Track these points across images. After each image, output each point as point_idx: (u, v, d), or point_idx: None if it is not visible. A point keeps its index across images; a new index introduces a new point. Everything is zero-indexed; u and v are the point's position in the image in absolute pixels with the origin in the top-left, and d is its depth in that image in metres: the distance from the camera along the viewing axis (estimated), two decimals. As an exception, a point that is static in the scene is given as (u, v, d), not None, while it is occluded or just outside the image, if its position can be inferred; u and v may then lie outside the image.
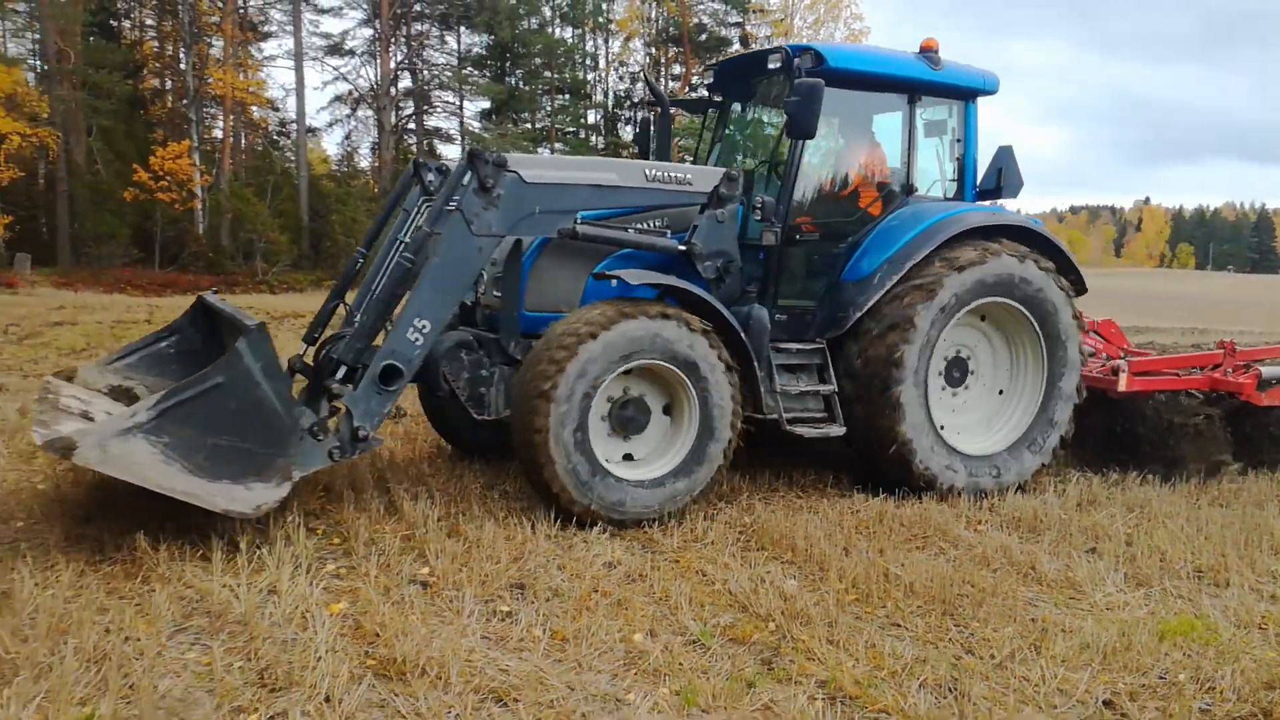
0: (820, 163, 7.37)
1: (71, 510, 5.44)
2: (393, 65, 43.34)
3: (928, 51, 6.91)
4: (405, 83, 45.24)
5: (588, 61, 49.74)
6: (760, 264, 6.67)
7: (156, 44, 43.99)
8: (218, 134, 41.75)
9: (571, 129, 48.62)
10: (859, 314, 6.45)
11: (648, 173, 6.29)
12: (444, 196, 5.59)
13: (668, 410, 5.97)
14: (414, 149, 46.22)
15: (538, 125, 46.61)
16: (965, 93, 7.21)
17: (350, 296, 6.32)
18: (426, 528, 5.31)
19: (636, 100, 49.23)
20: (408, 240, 5.98)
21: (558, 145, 44.90)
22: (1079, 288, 7.07)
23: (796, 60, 6.51)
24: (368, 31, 44.40)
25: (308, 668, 3.59)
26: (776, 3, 47.26)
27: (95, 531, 5.09)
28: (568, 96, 47.76)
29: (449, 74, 46.13)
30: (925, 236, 6.50)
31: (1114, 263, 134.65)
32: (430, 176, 6.36)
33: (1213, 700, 3.70)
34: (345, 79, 46.21)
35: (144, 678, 3.48)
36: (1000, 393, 7.06)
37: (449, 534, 5.30)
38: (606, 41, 51.01)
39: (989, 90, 7.22)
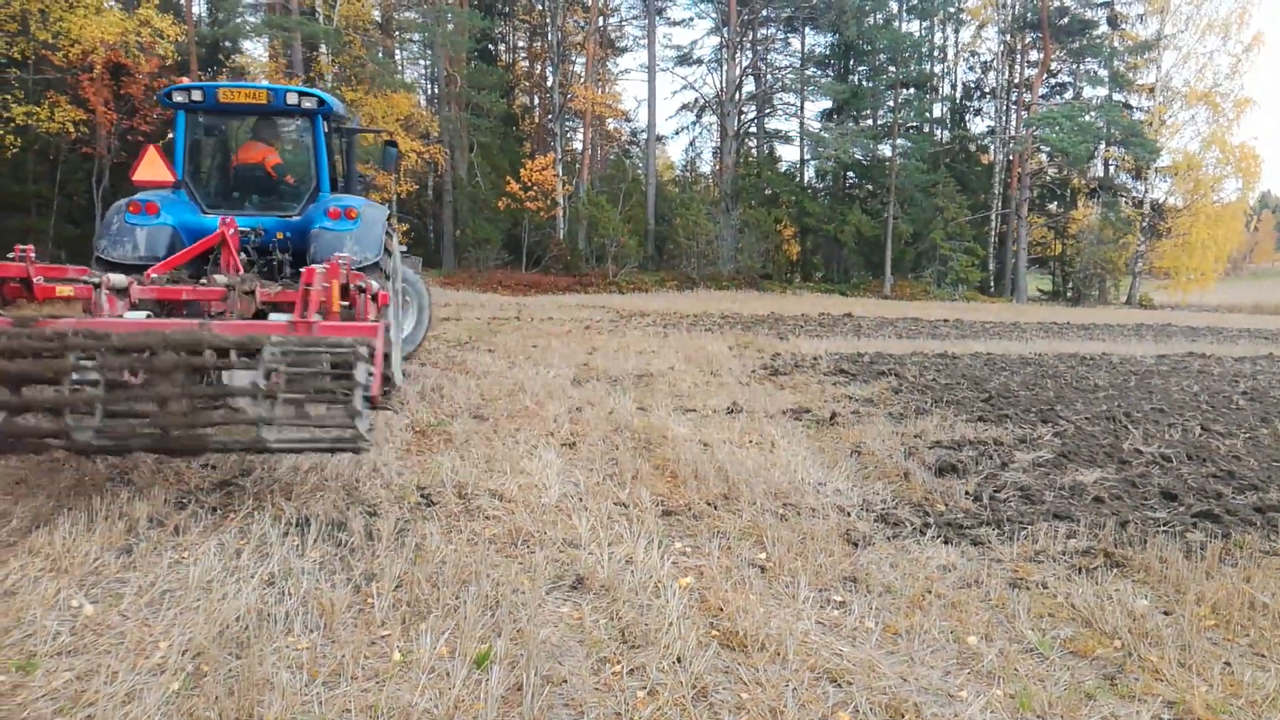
0: None
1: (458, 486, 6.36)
2: (738, 71, 44.67)
3: None
4: (749, 87, 46.47)
5: (935, 54, 48.15)
6: None
7: (527, 64, 48.65)
8: (577, 146, 45.27)
9: (914, 124, 47.30)
10: None
11: None
12: None
13: None
14: (754, 152, 47.35)
15: (879, 122, 45.84)
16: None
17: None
18: (763, 515, 5.63)
19: (987, 90, 47.03)
20: None
21: (899, 141, 43.90)
22: None
23: None
24: (715, 40, 46.18)
25: (661, 630, 4.03)
26: (1152, -23, 43.03)
27: (478, 503, 5.94)
28: (912, 91, 46.48)
29: (792, 75, 46.74)
30: None
31: None
32: None
33: None
34: (692, 87, 48.54)
35: (528, 625, 4.08)
36: None
37: (783, 523, 5.59)
38: (956, 32, 49.11)
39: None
